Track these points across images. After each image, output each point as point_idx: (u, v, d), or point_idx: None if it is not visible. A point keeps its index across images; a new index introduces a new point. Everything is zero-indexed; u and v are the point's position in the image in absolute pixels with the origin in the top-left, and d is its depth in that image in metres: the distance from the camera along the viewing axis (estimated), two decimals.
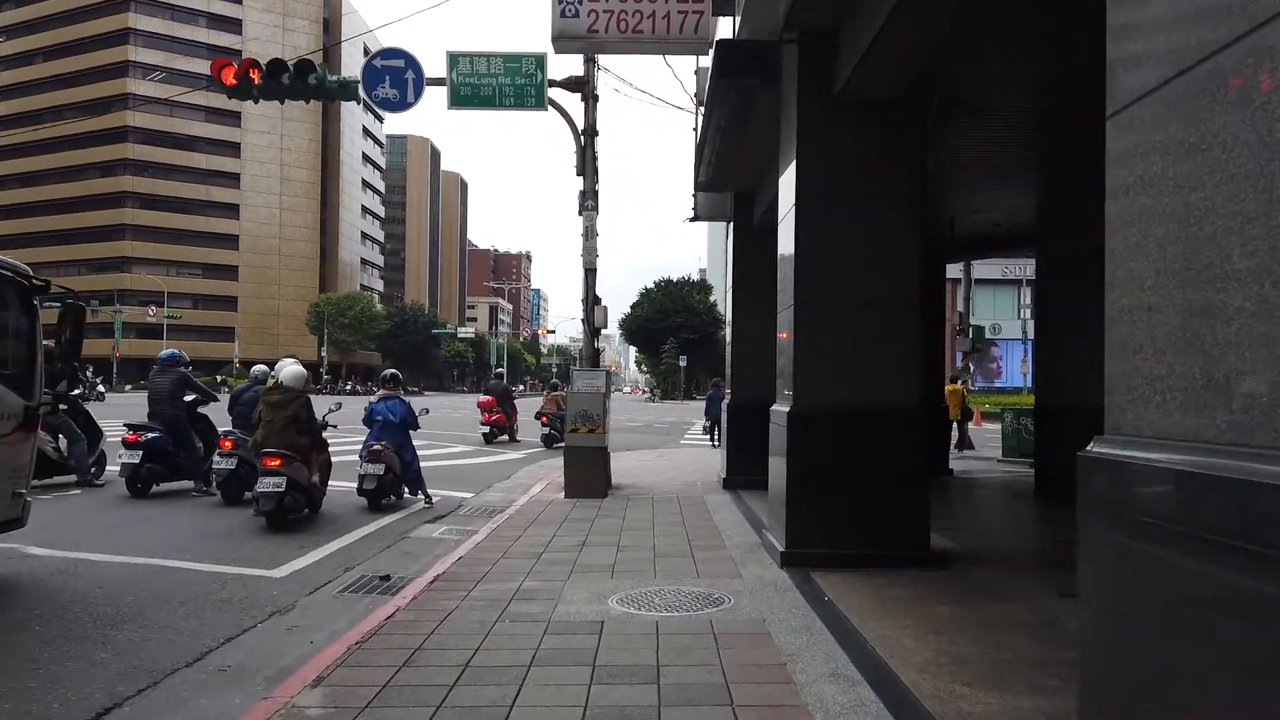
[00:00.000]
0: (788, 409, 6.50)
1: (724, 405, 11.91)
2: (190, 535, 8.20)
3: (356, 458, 10.53)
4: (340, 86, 12.13)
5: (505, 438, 20.37)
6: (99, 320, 72.08)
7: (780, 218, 7.20)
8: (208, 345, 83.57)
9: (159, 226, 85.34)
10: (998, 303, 51.41)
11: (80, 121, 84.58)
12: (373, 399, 10.64)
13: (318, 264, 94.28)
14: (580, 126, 12.35)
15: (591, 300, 12.36)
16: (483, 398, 20.64)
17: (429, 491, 10.77)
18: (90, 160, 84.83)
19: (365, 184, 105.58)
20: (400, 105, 12.28)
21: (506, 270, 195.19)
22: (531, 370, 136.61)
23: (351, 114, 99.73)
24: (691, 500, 10.61)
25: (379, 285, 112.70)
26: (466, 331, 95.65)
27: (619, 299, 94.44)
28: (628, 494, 11.24)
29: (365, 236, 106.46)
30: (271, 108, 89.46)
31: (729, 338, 11.98)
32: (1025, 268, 51.92)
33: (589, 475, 10.87)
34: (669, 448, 20.89)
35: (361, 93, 12.08)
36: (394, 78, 11.99)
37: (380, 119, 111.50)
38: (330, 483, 11.08)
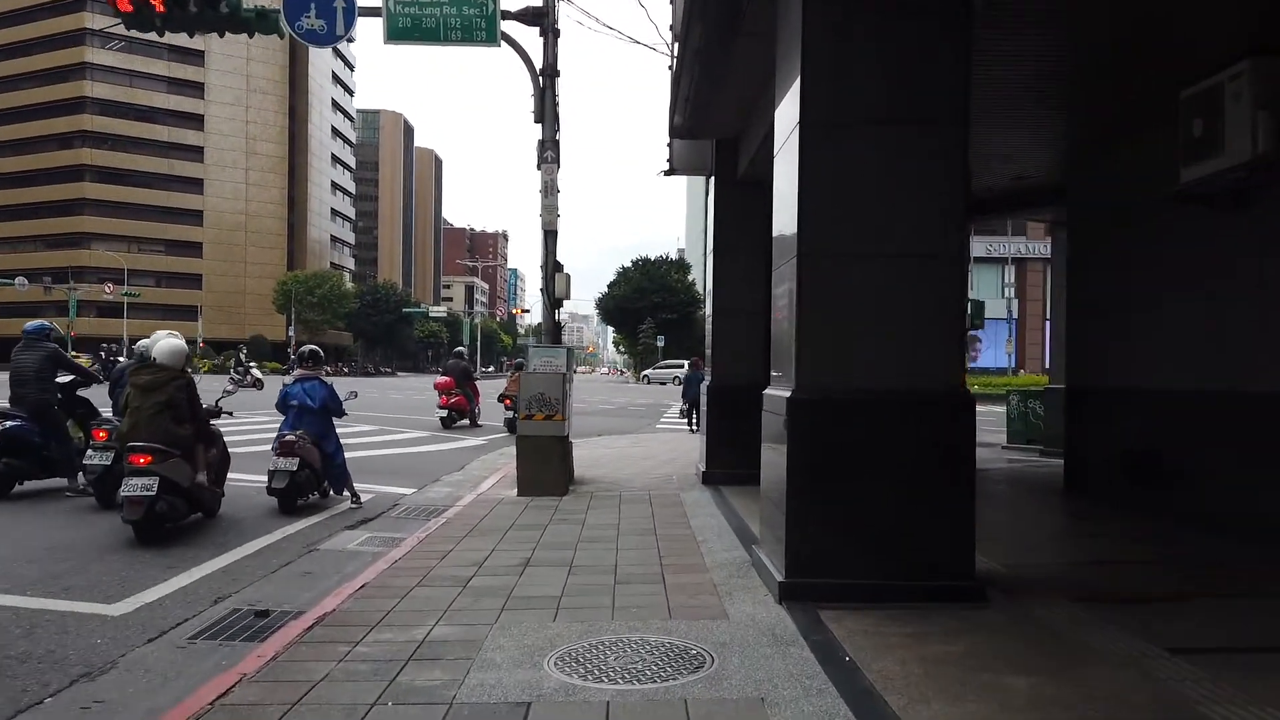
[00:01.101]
0: (787, 393, 4.96)
1: (703, 388, 10.36)
2: (30, 551, 6.54)
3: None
4: (258, 16, 10.38)
5: (465, 422, 18.75)
6: (53, 298, 69.57)
7: (777, 149, 5.62)
8: (172, 325, 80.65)
9: (119, 201, 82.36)
10: (981, 281, 50.25)
11: (35, 91, 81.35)
12: (287, 380, 8.99)
13: (286, 241, 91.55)
14: (539, 66, 10.68)
15: (552, 267, 10.74)
16: (440, 379, 18.94)
17: (357, 489, 9.18)
18: (46, 132, 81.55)
19: (335, 159, 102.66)
20: (328, 38, 10.58)
21: (483, 249, 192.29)
22: (509, 351, 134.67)
23: (320, 86, 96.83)
24: (665, 499, 9.07)
25: (350, 264, 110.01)
26: (438, 311, 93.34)
27: (597, 280, 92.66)
28: (592, 491, 9.68)
29: (336, 213, 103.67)
30: (236, 78, 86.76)
31: (708, 310, 10.42)
32: (1010, 245, 50.90)
33: (545, 470, 9.30)
34: (644, 432, 19.36)
35: (283, 23, 10.34)
36: (320, 6, 10.26)
37: (350, 91, 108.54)
38: (243, 477, 9.49)
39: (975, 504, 4.85)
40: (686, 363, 28.74)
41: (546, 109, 10.64)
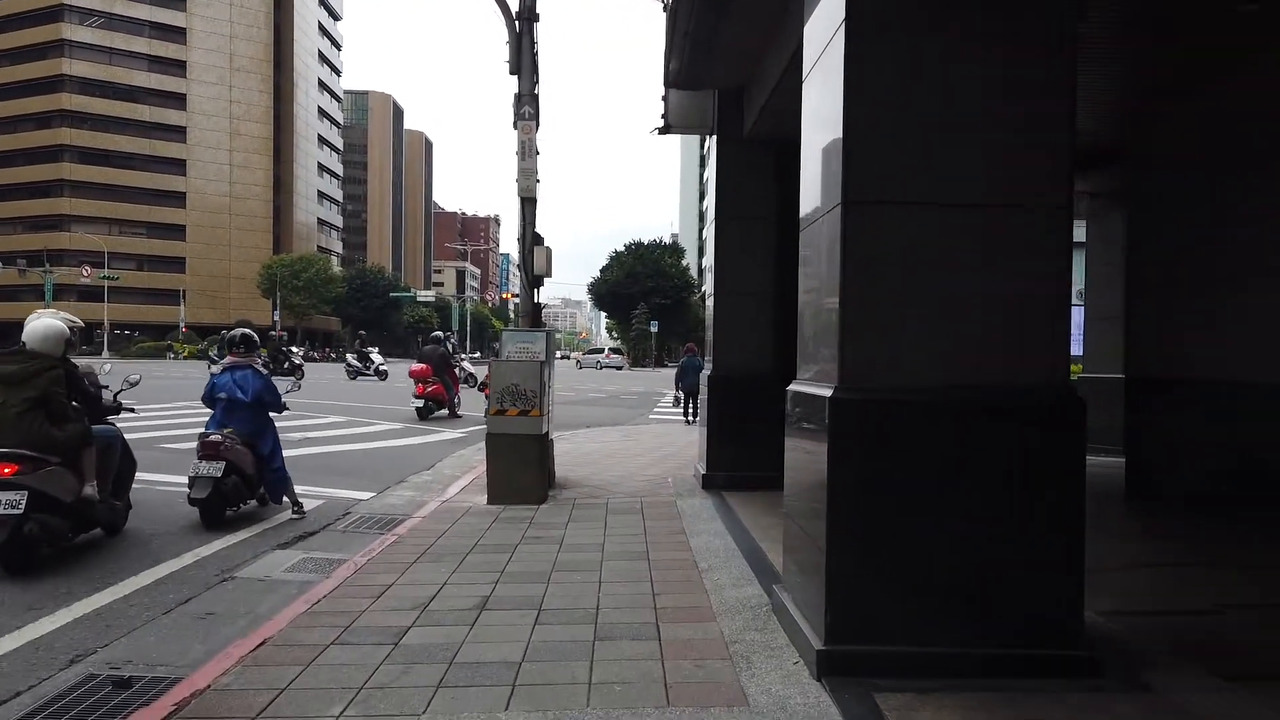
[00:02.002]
0: (826, 392, 3.65)
1: (704, 377, 9.05)
2: None
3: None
4: None
5: (444, 412, 17.40)
6: (29, 282, 67.75)
7: (808, 69, 4.28)
8: (154, 309, 79.31)
9: (99, 183, 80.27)
10: None
11: (10, 69, 79.10)
12: (214, 369, 7.64)
13: (271, 224, 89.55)
14: (514, 8, 9.31)
15: (530, 240, 9.39)
16: (415, 365, 17.53)
17: (308, 492, 7.90)
18: (23, 111, 79.30)
19: (322, 140, 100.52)
20: None
21: (474, 234, 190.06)
22: (500, 337, 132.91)
23: (306, 64, 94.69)
24: (660, 508, 7.77)
25: (339, 247, 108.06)
26: (426, 295, 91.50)
27: (588, 266, 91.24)
28: (575, 497, 8.37)
29: (323, 196, 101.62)
30: (219, 56, 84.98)
31: (709, 289, 9.11)
32: None
33: (520, 473, 7.99)
34: (636, 424, 18.05)
35: None
36: None
37: (337, 71, 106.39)
38: (179, 480, 8.15)
39: (1083, 547, 3.55)
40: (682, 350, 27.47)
41: (524, 58, 9.27)
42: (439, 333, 18.90)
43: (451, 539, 6.52)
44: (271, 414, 7.78)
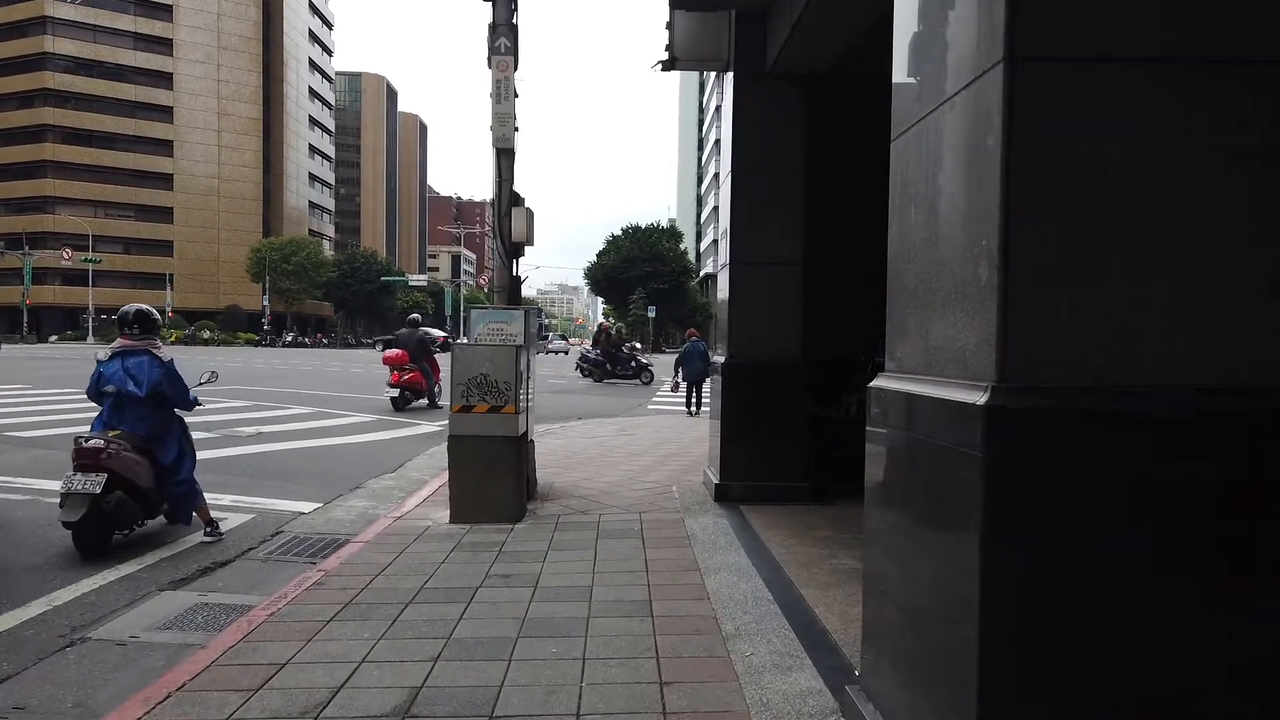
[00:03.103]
0: (974, 396, 2.08)
1: (716, 366, 7.45)
2: None
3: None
4: None
5: (423, 403, 15.82)
6: (8, 265, 66.02)
7: None
8: (141, 293, 77.21)
9: (84, 164, 78.20)
10: None
11: None
12: (100, 355, 6.05)
13: (261, 207, 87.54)
14: None
15: (507, 199, 7.80)
16: (390, 352, 15.90)
17: (241, 502, 6.38)
18: (4, 90, 77.12)
19: (313, 121, 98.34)
20: None
21: (470, 218, 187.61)
22: None
23: (296, 43, 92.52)
24: (665, 529, 6.21)
25: (331, 231, 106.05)
26: (419, 279, 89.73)
27: (585, 252, 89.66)
28: (559, 512, 6.82)
29: (314, 178, 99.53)
30: (207, 34, 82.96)
31: (724, 259, 7.52)
32: None
33: (491, 485, 6.43)
34: (633, 415, 16.48)
35: None
36: None
37: (329, 51, 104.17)
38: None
39: None
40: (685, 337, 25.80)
41: None
42: (415, 315, 17.27)
43: (392, 578, 4.96)
44: (179, 411, 6.22)
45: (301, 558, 5.79)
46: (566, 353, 56.91)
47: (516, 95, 7.87)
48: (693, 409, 15.96)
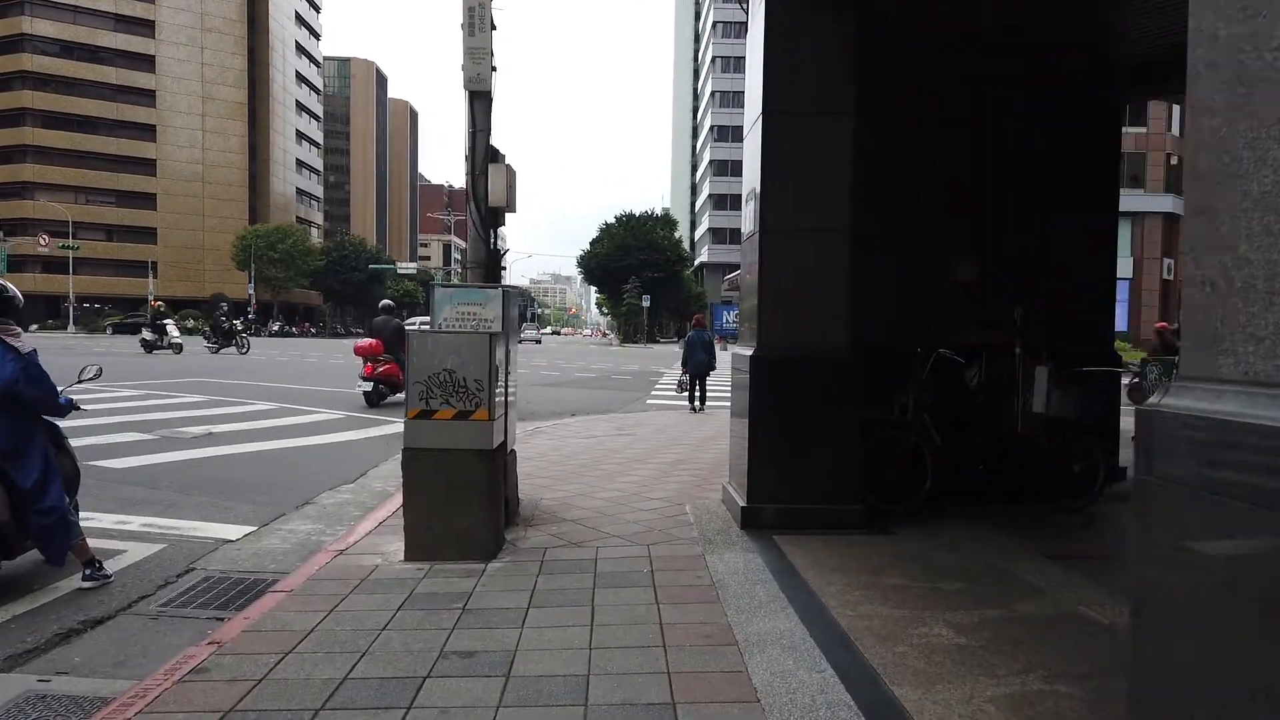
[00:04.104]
0: None
1: (746, 360, 5.97)
2: None
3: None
4: None
5: (400, 397, 14.35)
6: None
7: None
8: (123, 281, 75.54)
9: (65, 149, 76.15)
10: None
11: None
12: None
13: (247, 193, 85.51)
14: None
15: (483, 155, 6.37)
16: (362, 342, 14.41)
17: (151, 526, 5.01)
18: None
19: (300, 106, 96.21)
20: None
21: (461, 207, 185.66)
22: None
23: (282, 26, 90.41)
24: (682, 574, 4.78)
25: (320, 219, 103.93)
26: (408, 268, 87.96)
27: (578, 242, 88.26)
28: (546, 544, 5.39)
29: (302, 165, 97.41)
30: (189, 16, 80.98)
31: (750, 225, 6.07)
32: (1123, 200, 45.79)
33: (457, 514, 5.00)
34: (632, 410, 15.05)
35: None
36: None
37: (316, 35, 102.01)
38: None
39: None
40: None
41: None
42: (389, 301, 15.76)
43: (308, 659, 3.54)
44: (50, 419, 4.79)
45: (207, 610, 4.40)
46: (538, 342, 55.61)
47: (494, 28, 6.43)
48: (696, 404, 14.53)
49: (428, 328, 5.56)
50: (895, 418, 6.16)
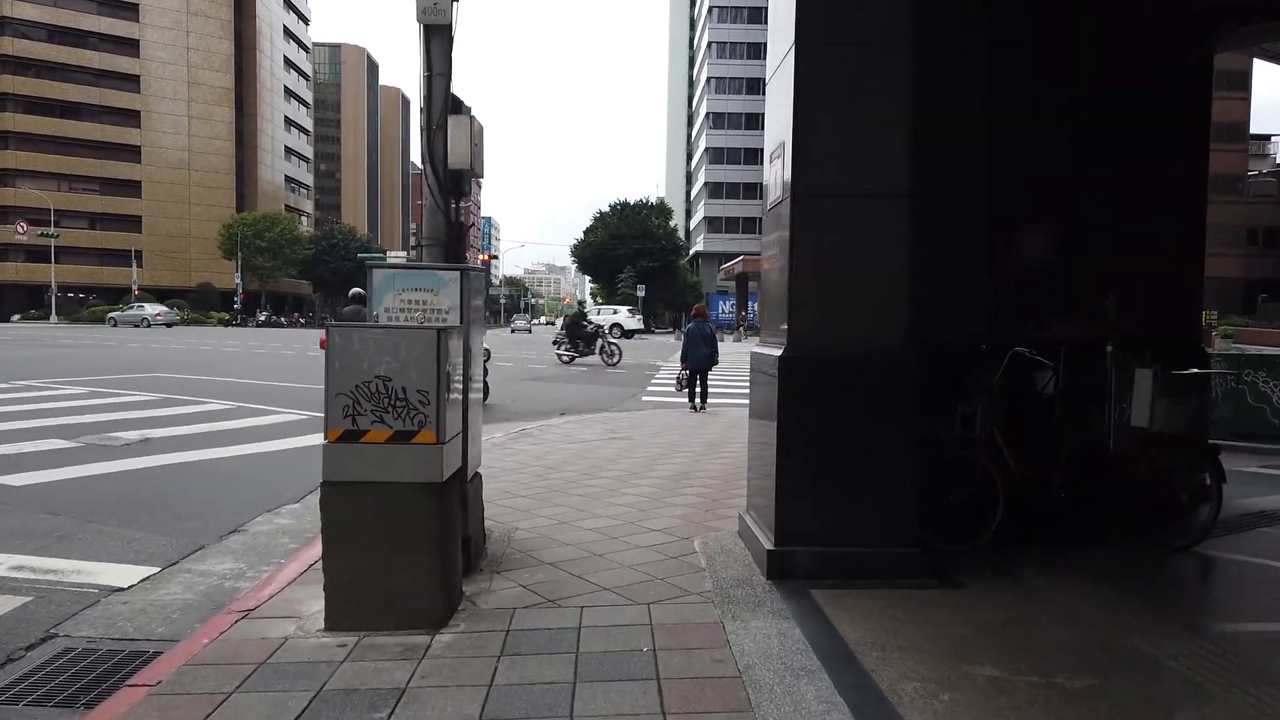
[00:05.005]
0: None
1: (773, 362, 4.69)
2: None
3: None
4: None
5: None
6: None
7: None
8: (107, 270, 73.93)
9: (46, 135, 74.32)
10: None
11: None
12: None
13: (234, 181, 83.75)
14: None
15: (441, 104, 5.08)
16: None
17: (43, 559, 3.78)
18: None
19: (289, 93, 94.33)
20: None
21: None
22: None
23: (269, 9, 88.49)
24: (695, 655, 3.52)
25: (309, 207, 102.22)
26: (398, 256, 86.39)
27: (572, 231, 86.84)
28: (514, 604, 4.13)
29: (291, 152, 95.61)
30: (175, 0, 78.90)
31: (776, 191, 4.80)
32: None
33: (394, 569, 3.75)
34: (625, 408, 13.78)
35: None
36: None
37: (305, 19, 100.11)
38: None
39: None
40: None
41: None
42: (359, 289, 14.46)
43: None
44: None
45: (43, 709, 3.16)
46: (529, 332, 54.41)
47: None
48: (696, 403, 13.29)
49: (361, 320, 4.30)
50: (958, 434, 4.91)
